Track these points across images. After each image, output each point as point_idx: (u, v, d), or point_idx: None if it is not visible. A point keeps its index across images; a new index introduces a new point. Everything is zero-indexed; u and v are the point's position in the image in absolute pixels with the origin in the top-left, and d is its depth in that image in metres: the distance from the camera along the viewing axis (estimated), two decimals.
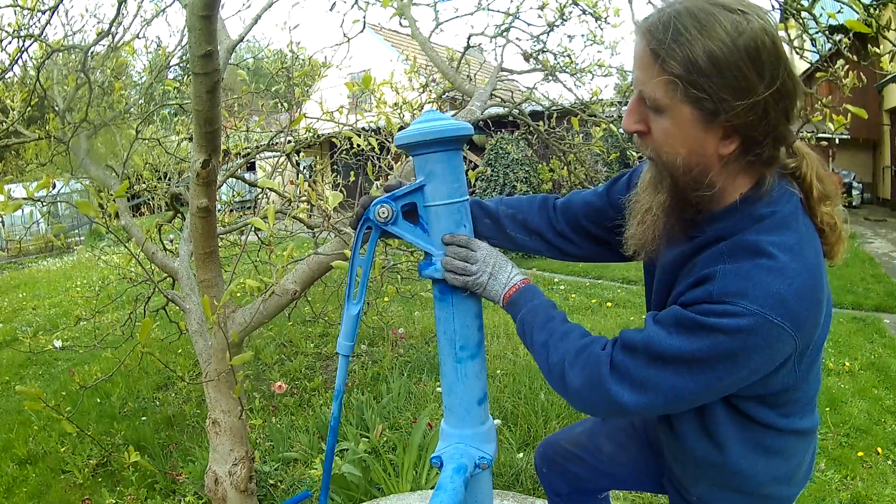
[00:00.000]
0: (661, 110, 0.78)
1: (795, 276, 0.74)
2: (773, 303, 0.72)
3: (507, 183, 8.11)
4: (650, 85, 0.77)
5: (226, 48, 1.88)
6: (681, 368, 0.77)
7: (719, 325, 0.73)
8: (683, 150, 0.79)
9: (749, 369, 0.76)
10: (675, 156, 0.80)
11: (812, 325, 0.77)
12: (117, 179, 2.51)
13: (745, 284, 0.74)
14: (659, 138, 0.80)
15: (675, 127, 0.78)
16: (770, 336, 0.73)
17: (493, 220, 1.09)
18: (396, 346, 4.11)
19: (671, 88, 0.75)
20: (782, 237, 0.77)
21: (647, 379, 0.79)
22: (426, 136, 0.90)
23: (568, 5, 2.66)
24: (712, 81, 0.72)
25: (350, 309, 1.01)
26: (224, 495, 1.87)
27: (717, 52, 0.72)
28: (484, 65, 4.26)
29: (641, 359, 0.80)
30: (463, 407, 1.00)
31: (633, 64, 0.82)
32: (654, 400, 0.79)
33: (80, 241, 12.23)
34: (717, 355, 0.74)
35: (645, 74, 0.78)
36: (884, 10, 1.59)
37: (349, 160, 2.80)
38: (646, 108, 0.80)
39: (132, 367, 3.89)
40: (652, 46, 0.75)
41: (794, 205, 0.82)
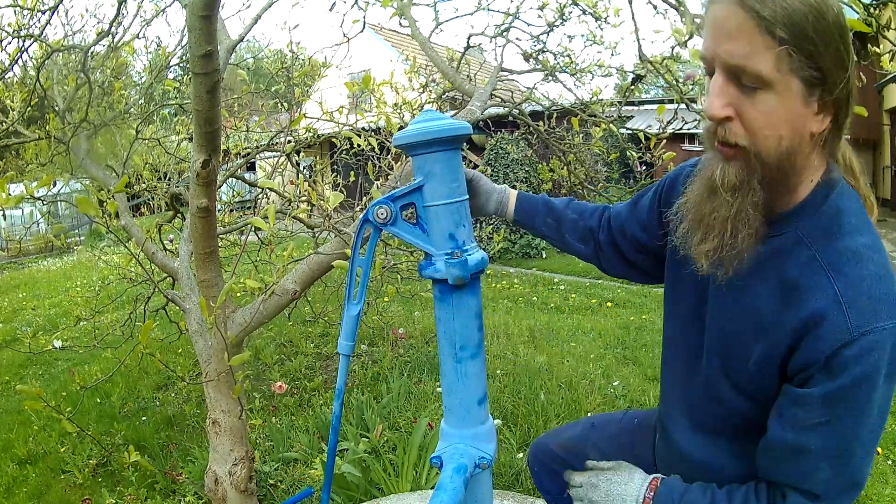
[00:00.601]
0: (766, 86, 0.68)
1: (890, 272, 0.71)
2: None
3: (506, 183, 8.11)
4: (756, 59, 0.67)
5: (226, 48, 1.88)
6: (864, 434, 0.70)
7: (874, 364, 0.67)
8: (787, 130, 0.70)
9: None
10: (776, 139, 0.70)
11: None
12: (117, 179, 2.51)
13: (874, 305, 0.68)
14: (756, 121, 0.70)
15: (781, 104, 0.69)
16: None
17: (555, 221, 1.10)
18: (396, 346, 4.11)
19: (781, 59, 0.66)
20: (869, 236, 0.73)
21: (853, 474, 0.73)
22: (424, 136, 0.90)
23: (568, 5, 2.66)
24: (818, 48, 0.66)
25: (350, 309, 1.01)
26: (224, 495, 1.87)
27: (820, 12, 0.65)
28: (484, 65, 4.25)
29: (832, 470, 0.72)
30: (463, 407, 0.99)
31: (718, 37, 0.70)
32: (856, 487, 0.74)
33: (80, 241, 12.23)
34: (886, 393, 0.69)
35: (747, 46, 0.67)
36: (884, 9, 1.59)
37: (349, 160, 2.80)
38: (736, 88, 0.70)
39: (132, 367, 3.89)
40: (758, 11, 0.66)
41: (851, 189, 0.77)
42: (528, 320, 4.83)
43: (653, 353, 3.97)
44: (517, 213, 1.12)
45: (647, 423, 1.16)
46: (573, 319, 4.94)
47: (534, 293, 6.09)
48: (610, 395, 3.26)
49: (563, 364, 3.75)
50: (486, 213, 1.12)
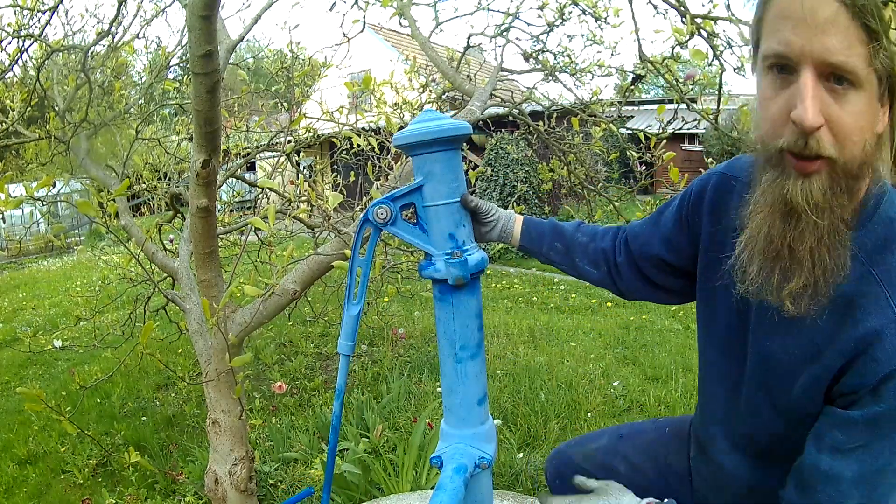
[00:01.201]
0: (858, 85, 0.61)
1: None
2: None
3: (507, 183, 8.11)
4: (855, 55, 0.59)
5: (226, 48, 1.88)
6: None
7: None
8: (869, 134, 0.63)
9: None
10: (862, 145, 0.63)
11: None
12: (117, 179, 2.51)
13: None
14: (847, 126, 0.62)
15: (868, 105, 0.62)
16: None
17: (564, 246, 1.05)
18: (396, 346, 4.11)
19: (873, 54, 0.59)
20: None
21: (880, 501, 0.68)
22: (424, 136, 0.90)
23: (568, 5, 2.66)
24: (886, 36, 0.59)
25: (350, 309, 1.01)
26: (224, 495, 1.87)
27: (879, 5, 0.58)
28: (484, 65, 4.25)
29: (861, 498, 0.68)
30: (463, 407, 0.99)
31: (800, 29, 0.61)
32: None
33: (80, 241, 12.23)
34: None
35: (841, 39, 0.59)
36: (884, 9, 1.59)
37: (349, 160, 2.80)
38: (826, 91, 0.62)
39: (132, 367, 3.89)
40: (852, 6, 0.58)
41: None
42: (528, 320, 4.83)
43: (653, 353, 3.97)
44: (523, 238, 1.06)
45: (679, 431, 1.11)
46: (573, 319, 4.94)
47: (534, 293, 6.09)
48: (610, 395, 3.26)
49: (563, 364, 3.75)
50: (489, 240, 1.06)
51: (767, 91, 0.67)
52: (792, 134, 0.64)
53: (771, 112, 0.67)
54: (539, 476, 2.41)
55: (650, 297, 1.04)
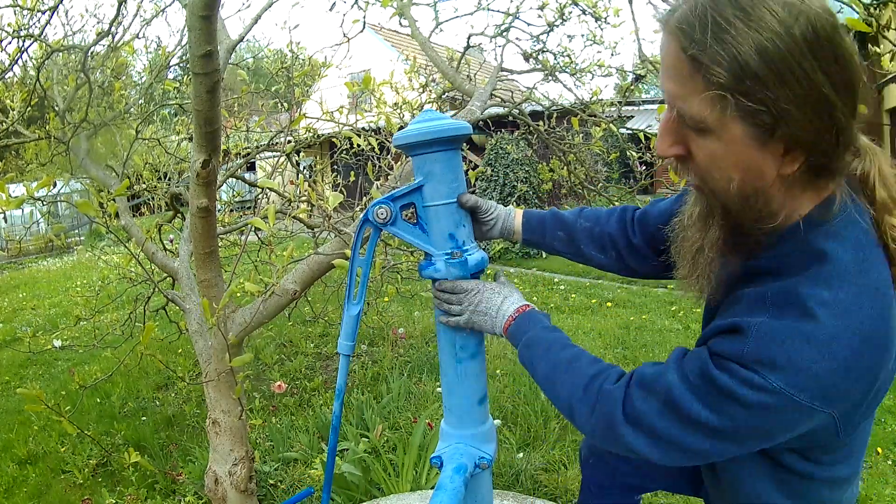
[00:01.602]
0: (706, 131, 0.64)
1: (842, 348, 0.62)
2: (805, 382, 0.62)
3: (507, 183, 8.11)
4: (690, 102, 0.63)
5: (226, 48, 1.88)
6: (698, 432, 0.68)
7: (741, 396, 0.64)
8: (737, 174, 0.65)
9: (771, 440, 0.69)
10: (726, 182, 0.66)
11: (858, 395, 0.66)
12: (117, 179, 2.51)
13: (777, 354, 0.63)
14: (705, 163, 0.67)
15: (725, 148, 0.64)
16: (795, 414, 0.64)
17: (567, 234, 1.05)
18: (396, 346, 4.11)
19: (719, 103, 0.60)
20: (838, 293, 0.63)
21: (664, 431, 0.71)
22: (424, 136, 0.90)
23: (568, 5, 2.66)
24: (769, 87, 0.58)
25: (350, 309, 1.01)
26: (224, 495, 1.87)
27: (772, 48, 0.57)
28: (484, 65, 4.25)
29: (658, 407, 0.71)
30: (463, 407, 1.00)
31: (662, 73, 0.66)
32: (671, 454, 0.72)
33: (80, 241, 12.23)
34: (738, 429, 0.67)
35: (682, 88, 0.63)
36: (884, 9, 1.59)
37: (349, 160, 2.80)
38: (684, 128, 0.67)
39: (132, 367, 3.89)
40: (690, 52, 0.60)
41: (859, 235, 0.67)
42: None
43: (653, 353, 3.97)
44: (525, 231, 1.06)
45: None
46: (573, 319, 4.94)
47: (534, 293, 6.09)
48: None
49: None
50: (490, 238, 1.06)
51: None
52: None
53: None
54: (539, 476, 2.41)
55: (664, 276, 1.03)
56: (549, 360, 0.84)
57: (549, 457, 2.53)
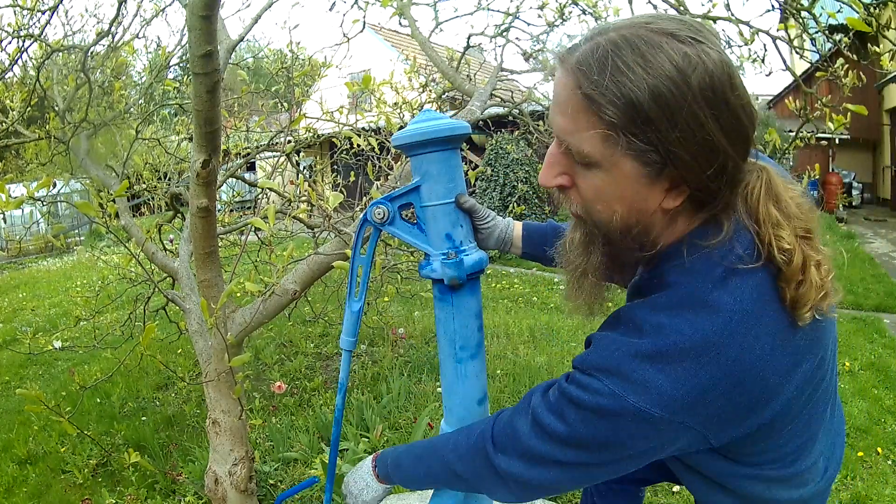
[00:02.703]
0: (593, 165, 0.65)
1: (678, 367, 0.63)
2: (637, 388, 0.63)
3: (507, 183, 8.11)
4: (580, 137, 0.64)
5: (226, 48, 1.88)
6: (557, 442, 0.69)
7: (581, 399, 0.66)
8: (620, 207, 0.67)
9: (632, 448, 0.67)
10: (609, 214, 0.68)
11: (720, 410, 0.64)
12: (117, 179, 2.51)
13: (610, 361, 0.66)
14: (589, 195, 0.69)
15: (612, 183, 0.66)
16: (635, 421, 0.64)
17: None
18: (396, 346, 4.11)
19: (609, 141, 0.62)
20: (677, 321, 0.64)
21: (529, 448, 0.72)
22: (422, 136, 0.90)
23: (568, 5, 2.66)
24: (660, 130, 0.60)
25: (351, 306, 1.01)
26: (224, 495, 1.87)
27: (667, 94, 0.58)
28: (484, 65, 4.25)
29: (525, 426, 0.73)
30: (463, 407, 0.99)
31: (553, 107, 0.68)
32: (547, 470, 0.72)
33: (80, 241, 12.23)
34: (589, 437, 0.67)
35: (573, 123, 0.64)
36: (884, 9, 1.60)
37: (349, 160, 2.80)
38: (571, 161, 0.68)
39: (132, 367, 3.89)
40: (585, 90, 0.61)
41: (715, 279, 0.66)
42: (528, 320, 4.83)
43: None
44: (526, 245, 1.07)
45: None
46: (573, 319, 4.93)
47: (534, 293, 6.08)
48: None
49: (563, 364, 3.75)
50: (485, 248, 1.04)
51: None
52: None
53: None
54: None
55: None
56: (417, 461, 0.91)
57: None
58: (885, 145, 11.05)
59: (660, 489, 2.36)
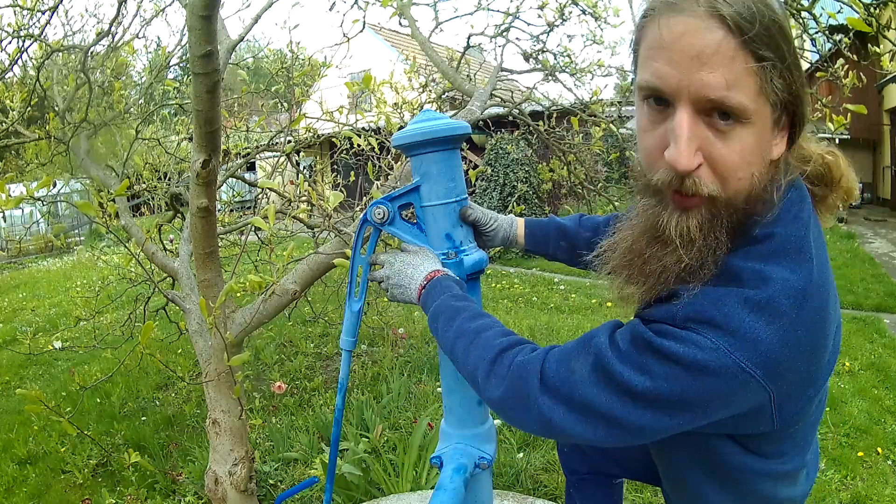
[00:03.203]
0: (745, 120, 0.59)
1: (784, 319, 0.59)
2: (746, 343, 0.58)
3: (507, 183, 8.11)
4: (737, 87, 0.57)
5: (226, 48, 1.88)
6: (627, 400, 0.62)
7: (679, 354, 0.59)
8: (758, 168, 0.61)
9: (704, 414, 0.62)
10: (749, 180, 0.61)
11: (798, 377, 0.62)
12: (117, 179, 2.51)
13: (714, 312, 0.59)
14: (731, 164, 0.60)
15: (757, 138, 0.60)
16: (733, 382, 0.59)
17: (569, 244, 1.05)
18: (396, 346, 4.11)
19: (762, 84, 0.57)
20: (777, 268, 0.61)
21: (585, 398, 0.64)
22: (421, 136, 0.90)
23: (568, 5, 2.66)
24: (789, 64, 0.58)
25: (352, 306, 1.02)
26: (224, 495, 1.87)
27: (784, 27, 0.57)
28: (484, 65, 4.25)
29: (583, 371, 0.65)
30: (463, 407, 1.00)
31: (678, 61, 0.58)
32: (593, 426, 0.64)
33: (80, 241, 12.23)
34: (672, 395, 0.60)
35: (725, 73, 0.56)
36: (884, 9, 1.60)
37: (349, 160, 2.80)
38: (707, 128, 0.60)
39: (132, 367, 3.89)
40: (739, 23, 0.56)
41: (803, 221, 0.64)
42: (528, 320, 4.83)
43: None
44: (528, 242, 1.08)
45: None
46: (573, 319, 4.93)
47: (534, 293, 6.08)
48: None
49: None
50: (491, 247, 1.06)
51: (643, 121, 0.65)
52: (667, 172, 0.62)
53: (646, 144, 0.65)
54: (539, 476, 2.41)
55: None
56: (455, 330, 0.78)
57: (549, 457, 2.53)
58: (885, 145, 11.05)
59: (660, 490, 2.36)
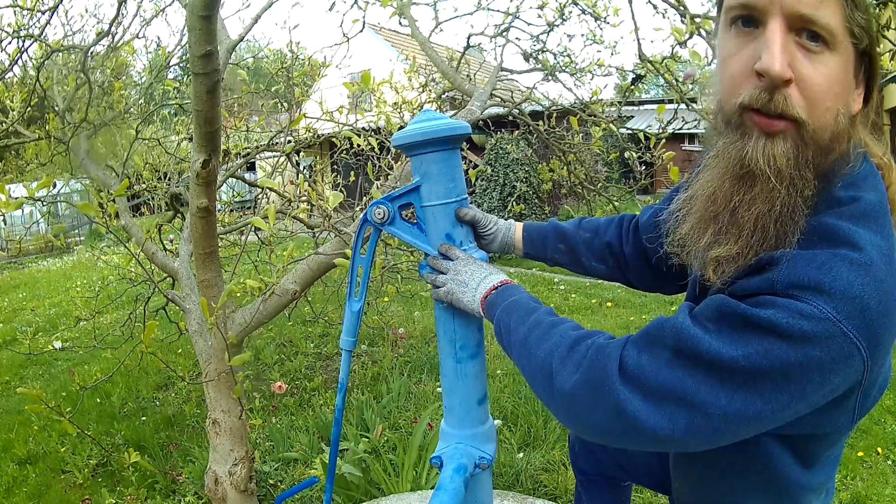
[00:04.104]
0: (832, 45, 0.57)
1: (883, 282, 0.55)
2: (854, 309, 0.53)
3: (507, 183, 8.11)
4: (825, 7, 0.56)
5: (226, 48, 1.88)
6: (712, 376, 0.55)
7: (779, 323, 0.53)
8: (843, 106, 0.59)
9: (801, 395, 0.55)
10: (834, 114, 0.59)
11: (886, 349, 0.57)
12: (117, 179, 2.51)
13: (821, 277, 0.54)
14: (819, 87, 0.57)
15: (842, 70, 0.58)
16: (839, 354, 0.53)
17: (568, 247, 1.03)
18: (396, 346, 4.11)
19: (845, 14, 0.57)
20: (868, 231, 0.57)
21: (667, 384, 0.57)
22: (421, 136, 0.90)
23: (568, 5, 2.66)
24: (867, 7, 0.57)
25: (352, 305, 1.02)
26: (224, 495, 1.87)
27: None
28: (484, 65, 4.25)
29: (665, 355, 0.59)
30: (463, 407, 0.99)
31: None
32: (672, 416, 0.57)
33: (80, 241, 12.23)
34: (769, 369, 0.53)
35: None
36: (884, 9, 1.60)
37: (349, 160, 2.80)
38: (796, 46, 0.58)
39: (132, 368, 3.89)
40: None
41: (882, 193, 0.62)
42: None
43: None
44: (527, 246, 1.05)
45: None
46: (573, 319, 4.94)
47: (534, 293, 6.08)
48: None
49: None
50: (490, 252, 1.03)
51: (729, 47, 0.62)
52: (755, 87, 0.58)
53: (732, 69, 0.61)
54: (539, 476, 2.41)
55: (662, 288, 0.99)
56: (531, 322, 0.75)
57: (549, 457, 2.53)
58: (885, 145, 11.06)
59: None
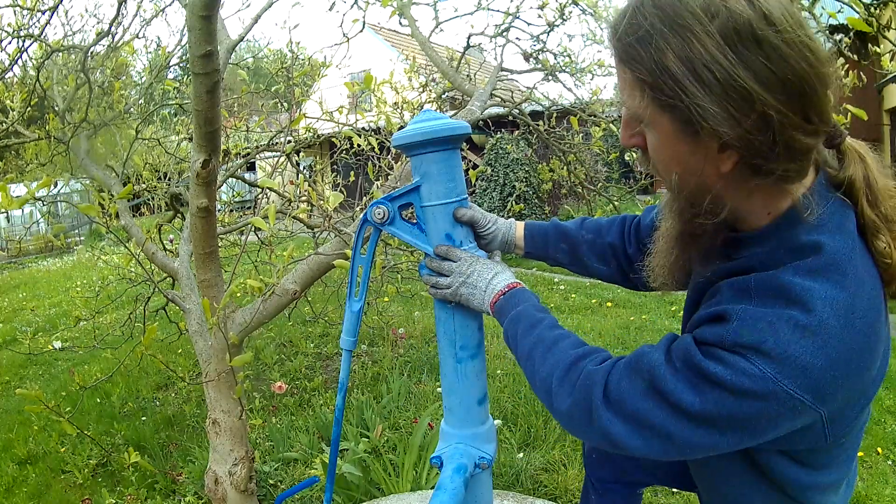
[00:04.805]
0: (643, 122, 0.68)
1: (833, 340, 0.60)
2: (794, 370, 0.59)
3: (507, 183, 8.11)
4: (625, 94, 0.68)
5: (226, 48, 1.88)
6: (681, 418, 0.64)
7: (726, 380, 0.61)
8: (676, 167, 0.68)
9: (757, 436, 0.64)
10: (669, 174, 0.69)
11: (847, 393, 0.63)
12: (117, 179, 2.51)
13: (765, 339, 0.60)
14: (651, 154, 0.70)
15: (660, 141, 0.67)
16: (784, 407, 0.60)
17: (570, 246, 1.03)
18: (396, 346, 4.11)
19: (643, 95, 0.64)
20: (826, 286, 0.61)
21: (642, 412, 0.67)
22: (421, 136, 0.90)
23: (568, 5, 2.66)
24: (684, 83, 0.59)
25: (352, 305, 1.01)
26: (224, 495, 1.87)
27: (686, 46, 0.59)
28: (484, 65, 4.26)
29: (642, 388, 0.68)
30: (463, 407, 0.99)
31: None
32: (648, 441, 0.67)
33: (80, 241, 12.24)
34: (720, 416, 0.62)
35: (620, 83, 0.69)
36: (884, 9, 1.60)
37: (349, 160, 2.80)
38: (635, 121, 0.70)
39: (132, 368, 3.89)
40: (618, 50, 0.66)
41: (849, 234, 0.66)
42: None
43: None
44: (528, 245, 1.05)
45: None
46: (573, 319, 4.93)
47: (534, 293, 6.09)
48: None
49: None
50: (490, 251, 1.03)
51: None
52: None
53: None
54: (539, 476, 2.41)
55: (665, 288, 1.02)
56: (534, 337, 0.81)
57: (549, 457, 2.53)
58: (886, 145, 11.04)
59: (660, 489, 2.36)
